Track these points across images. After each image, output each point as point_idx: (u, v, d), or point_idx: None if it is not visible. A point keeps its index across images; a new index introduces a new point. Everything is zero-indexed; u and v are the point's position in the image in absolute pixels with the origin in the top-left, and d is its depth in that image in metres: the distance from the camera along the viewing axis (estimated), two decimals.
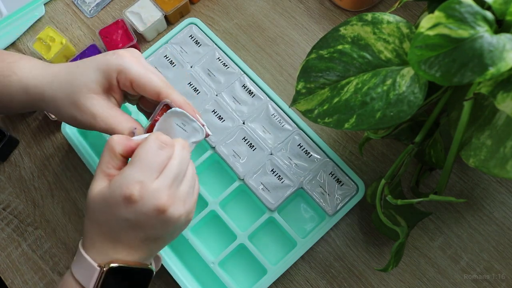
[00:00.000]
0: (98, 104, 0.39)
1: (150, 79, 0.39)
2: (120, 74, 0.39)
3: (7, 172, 0.59)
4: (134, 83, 0.39)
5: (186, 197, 0.37)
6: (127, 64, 0.39)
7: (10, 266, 0.55)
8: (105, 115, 0.39)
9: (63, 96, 0.39)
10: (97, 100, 0.39)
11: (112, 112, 0.39)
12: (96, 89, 0.39)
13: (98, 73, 0.39)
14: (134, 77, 0.39)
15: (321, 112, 0.40)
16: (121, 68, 0.39)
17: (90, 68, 0.39)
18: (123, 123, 0.39)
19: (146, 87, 0.39)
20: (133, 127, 0.40)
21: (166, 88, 0.40)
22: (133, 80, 0.39)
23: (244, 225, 0.51)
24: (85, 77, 0.39)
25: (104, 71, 0.39)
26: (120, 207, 0.34)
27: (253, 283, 0.49)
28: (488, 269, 0.51)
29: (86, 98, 0.39)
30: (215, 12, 0.64)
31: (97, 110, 0.39)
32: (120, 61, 0.39)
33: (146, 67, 0.40)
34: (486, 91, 0.33)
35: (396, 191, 0.47)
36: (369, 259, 0.52)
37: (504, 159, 0.33)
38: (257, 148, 0.53)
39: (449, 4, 0.32)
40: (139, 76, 0.39)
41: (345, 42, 0.39)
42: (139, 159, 0.35)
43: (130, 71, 0.39)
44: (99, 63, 0.39)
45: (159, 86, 0.39)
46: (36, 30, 0.65)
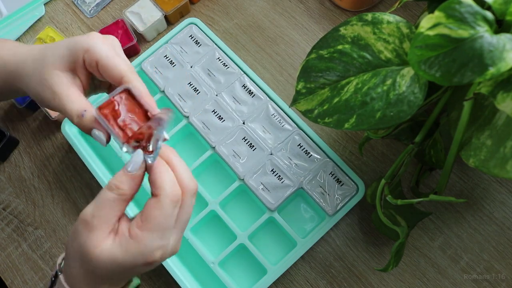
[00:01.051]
0: (59, 82, 0.38)
1: (116, 62, 0.38)
2: (87, 53, 0.38)
3: (7, 172, 0.59)
4: (99, 64, 0.38)
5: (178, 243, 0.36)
6: (96, 44, 0.38)
7: (10, 266, 0.55)
8: (61, 93, 0.38)
9: (32, 72, 0.39)
10: (59, 77, 0.38)
11: (68, 91, 0.38)
12: (61, 66, 0.38)
13: (66, 50, 0.38)
14: (99, 58, 0.37)
15: (321, 112, 0.40)
16: (88, 47, 0.38)
17: (60, 46, 0.39)
18: (74, 104, 0.37)
19: (110, 69, 0.37)
20: (83, 109, 0.37)
21: (130, 73, 0.38)
22: (98, 60, 0.37)
23: (244, 225, 0.51)
24: (54, 54, 0.39)
25: (71, 48, 0.38)
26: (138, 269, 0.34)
27: (253, 283, 0.49)
28: (488, 269, 0.51)
29: (50, 74, 0.38)
30: (215, 12, 0.64)
31: (57, 87, 0.38)
32: (89, 41, 0.38)
33: (116, 51, 0.39)
34: (486, 91, 0.33)
35: (396, 191, 0.47)
36: (369, 259, 0.52)
37: (504, 159, 0.33)
38: (257, 148, 0.53)
39: (449, 4, 0.32)
40: (105, 57, 0.37)
41: (345, 42, 0.39)
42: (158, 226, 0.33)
43: (97, 51, 0.37)
44: (70, 41, 0.39)
45: (124, 70, 0.38)
46: (36, 30, 0.65)
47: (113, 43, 0.40)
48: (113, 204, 0.33)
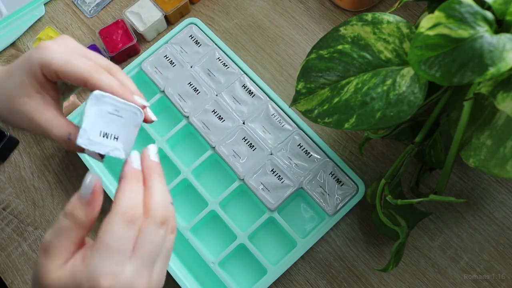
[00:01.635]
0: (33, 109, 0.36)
1: (74, 65, 0.35)
2: (43, 68, 0.35)
3: (7, 172, 0.59)
4: (59, 74, 0.35)
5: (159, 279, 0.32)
6: (48, 56, 0.35)
7: (10, 266, 0.55)
8: (40, 120, 0.36)
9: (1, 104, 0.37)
10: (30, 105, 0.36)
11: (47, 116, 0.36)
12: (26, 92, 0.36)
13: (23, 75, 0.36)
14: (56, 68, 0.35)
15: (321, 112, 0.40)
16: (41, 62, 0.35)
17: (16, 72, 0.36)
18: (56, 129, 0.36)
19: (70, 75, 0.35)
20: (68, 132, 0.36)
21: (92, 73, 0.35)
22: (56, 71, 0.35)
23: (244, 225, 0.51)
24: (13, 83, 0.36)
25: (28, 71, 0.36)
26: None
27: (253, 283, 0.49)
28: (488, 269, 0.51)
29: (20, 104, 0.36)
30: (215, 12, 0.64)
31: (32, 115, 0.36)
32: (40, 55, 0.35)
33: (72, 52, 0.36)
34: (486, 91, 0.33)
35: (396, 191, 0.47)
36: (369, 259, 0.52)
37: (504, 159, 0.33)
38: (257, 148, 0.53)
39: (449, 4, 0.32)
40: (61, 65, 0.35)
41: (345, 42, 0.39)
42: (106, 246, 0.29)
43: (51, 62, 0.35)
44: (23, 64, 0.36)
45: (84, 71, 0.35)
46: (36, 30, 0.65)
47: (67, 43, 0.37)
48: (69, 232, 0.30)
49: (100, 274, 0.29)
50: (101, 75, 0.35)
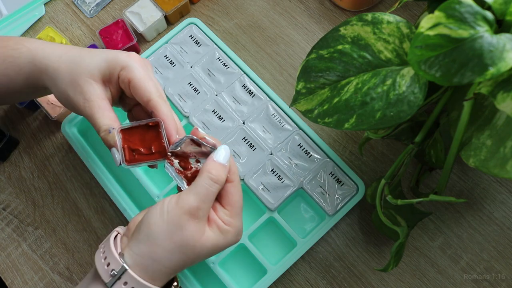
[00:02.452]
0: (92, 90, 0.40)
1: (147, 84, 0.40)
2: (123, 70, 0.40)
3: (7, 172, 0.59)
4: (132, 83, 0.40)
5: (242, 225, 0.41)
6: (133, 64, 0.40)
7: (10, 266, 0.55)
8: (93, 103, 0.40)
9: (65, 72, 0.41)
10: (93, 86, 0.40)
11: (101, 103, 0.40)
12: (96, 76, 0.40)
13: (104, 62, 0.40)
14: (133, 77, 0.40)
15: (321, 112, 0.40)
16: (126, 65, 0.40)
17: (99, 57, 0.41)
18: (105, 118, 0.40)
19: (141, 90, 0.40)
20: (111, 126, 0.40)
21: (158, 98, 0.40)
22: (131, 80, 0.40)
23: (244, 225, 0.51)
24: (92, 62, 0.41)
25: (110, 62, 0.40)
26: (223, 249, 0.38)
27: (253, 283, 0.49)
28: (488, 269, 0.51)
29: (85, 80, 0.40)
30: (215, 12, 0.64)
31: (90, 95, 0.40)
32: (128, 60, 0.41)
33: (149, 75, 0.42)
34: (486, 91, 0.33)
35: (396, 191, 0.47)
36: (369, 259, 0.52)
37: (504, 159, 0.33)
38: (257, 148, 0.53)
39: (449, 4, 0.32)
40: (138, 77, 0.40)
41: (345, 42, 0.39)
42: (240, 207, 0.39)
43: (133, 70, 0.40)
44: (109, 55, 0.41)
45: (152, 93, 0.40)
46: (36, 30, 0.65)
47: (148, 66, 0.42)
48: (214, 195, 0.37)
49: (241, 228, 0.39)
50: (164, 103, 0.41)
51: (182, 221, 0.35)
